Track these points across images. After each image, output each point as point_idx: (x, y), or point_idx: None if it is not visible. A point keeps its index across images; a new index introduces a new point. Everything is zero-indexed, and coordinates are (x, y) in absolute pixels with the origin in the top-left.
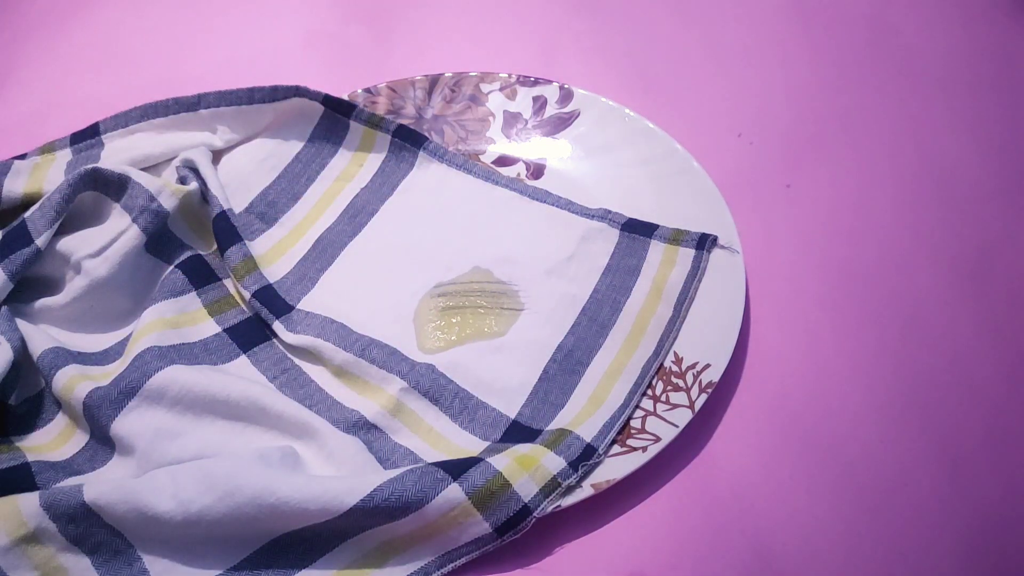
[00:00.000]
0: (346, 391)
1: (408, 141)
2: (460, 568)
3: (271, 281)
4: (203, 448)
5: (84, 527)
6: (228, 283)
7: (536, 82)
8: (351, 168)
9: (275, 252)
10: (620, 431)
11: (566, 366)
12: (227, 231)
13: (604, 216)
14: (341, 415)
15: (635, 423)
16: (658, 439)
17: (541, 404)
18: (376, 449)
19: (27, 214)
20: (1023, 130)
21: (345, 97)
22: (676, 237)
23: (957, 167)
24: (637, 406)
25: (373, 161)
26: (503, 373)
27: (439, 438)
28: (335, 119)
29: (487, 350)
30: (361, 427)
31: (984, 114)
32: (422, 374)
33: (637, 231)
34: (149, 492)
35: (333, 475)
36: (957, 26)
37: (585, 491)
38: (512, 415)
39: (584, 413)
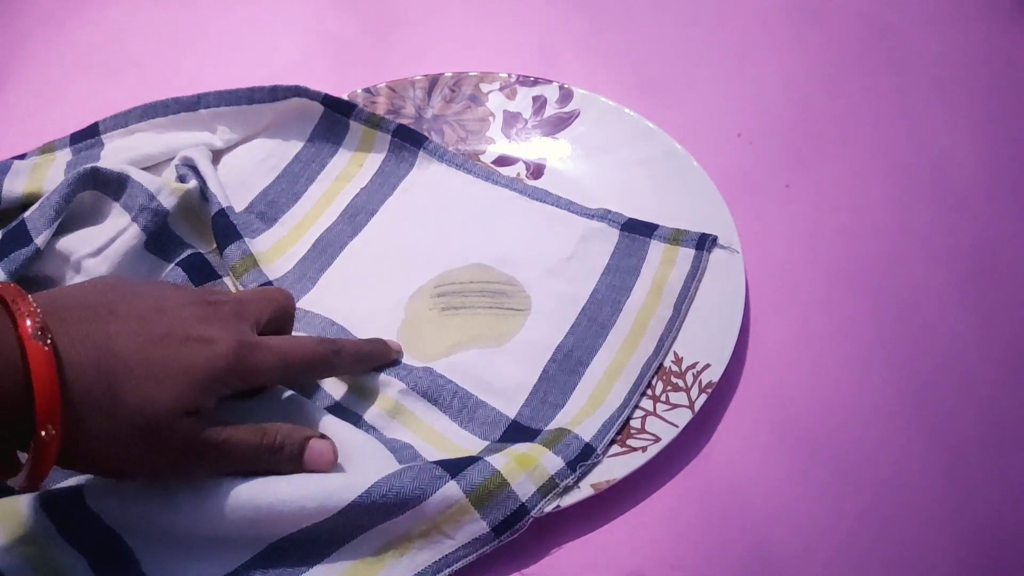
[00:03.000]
0: (344, 391)
1: (408, 141)
2: (457, 572)
3: (271, 279)
4: None
5: (84, 529)
6: (228, 281)
7: (536, 82)
8: (351, 168)
9: (275, 251)
10: (619, 431)
11: (566, 366)
12: (226, 229)
13: (604, 216)
14: (338, 415)
15: (635, 423)
16: (658, 439)
17: (540, 404)
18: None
19: (26, 214)
20: (1022, 130)
21: (345, 97)
22: (676, 237)
23: (956, 167)
24: (637, 406)
25: (373, 161)
26: (503, 373)
27: (439, 437)
28: (335, 119)
29: (487, 351)
30: (359, 427)
31: (983, 114)
32: (420, 375)
33: (637, 231)
34: (146, 495)
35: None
36: (956, 26)
37: (585, 491)
38: (511, 415)
39: (583, 413)
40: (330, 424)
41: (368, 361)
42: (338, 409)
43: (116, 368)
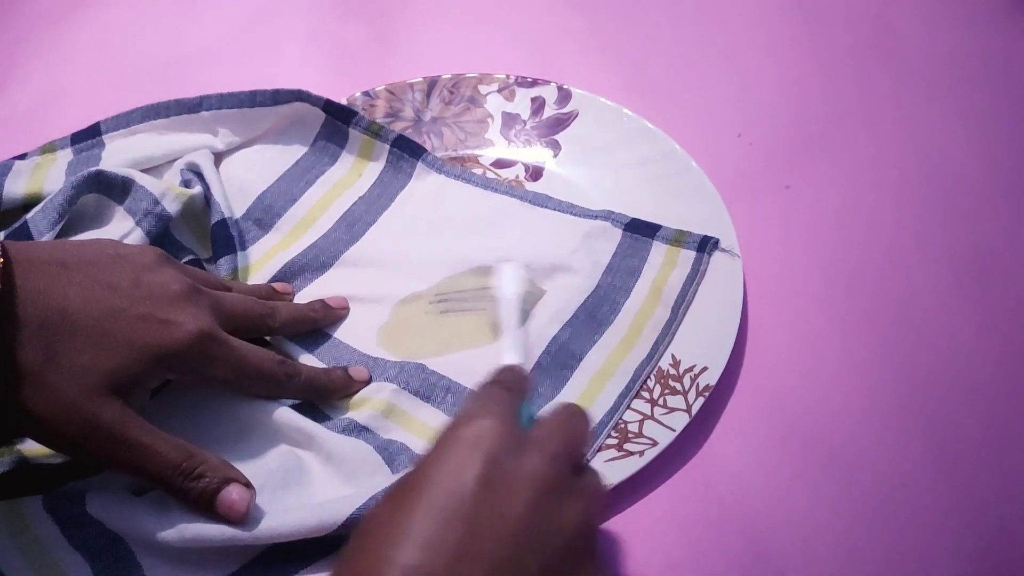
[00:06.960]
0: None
1: (407, 152)
2: None
3: None
4: None
5: (87, 532)
6: None
7: (534, 83)
8: (349, 177)
9: (267, 259)
10: (613, 427)
11: (559, 359)
12: (223, 239)
13: (607, 216)
14: (330, 424)
15: (632, 427)
16: (655, 443)
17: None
18: (370, 443)
19: (29, 216)
20: (1021, 130)
21: (344, 101)
22: (678, 238)
23: (958, 168)
24: (628, 407)
25: (371, 171)
26: (497, 363)
27: (434, 433)
28: (335, 127)
29: (482, 348)
30: (352, 431)
31: (984, 115)
32: (411, 374)
33: (639, 231)
34: (145, 512)
35: (332, 489)
36: (957, 26)
37: None
38: None
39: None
40: (319, 433)
41: (323, 393)
42: (332, 414)
43: (61, 329)
